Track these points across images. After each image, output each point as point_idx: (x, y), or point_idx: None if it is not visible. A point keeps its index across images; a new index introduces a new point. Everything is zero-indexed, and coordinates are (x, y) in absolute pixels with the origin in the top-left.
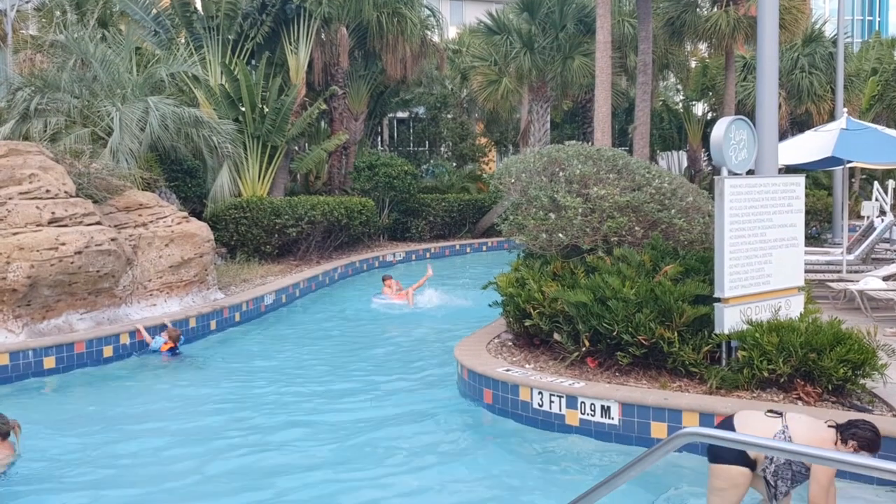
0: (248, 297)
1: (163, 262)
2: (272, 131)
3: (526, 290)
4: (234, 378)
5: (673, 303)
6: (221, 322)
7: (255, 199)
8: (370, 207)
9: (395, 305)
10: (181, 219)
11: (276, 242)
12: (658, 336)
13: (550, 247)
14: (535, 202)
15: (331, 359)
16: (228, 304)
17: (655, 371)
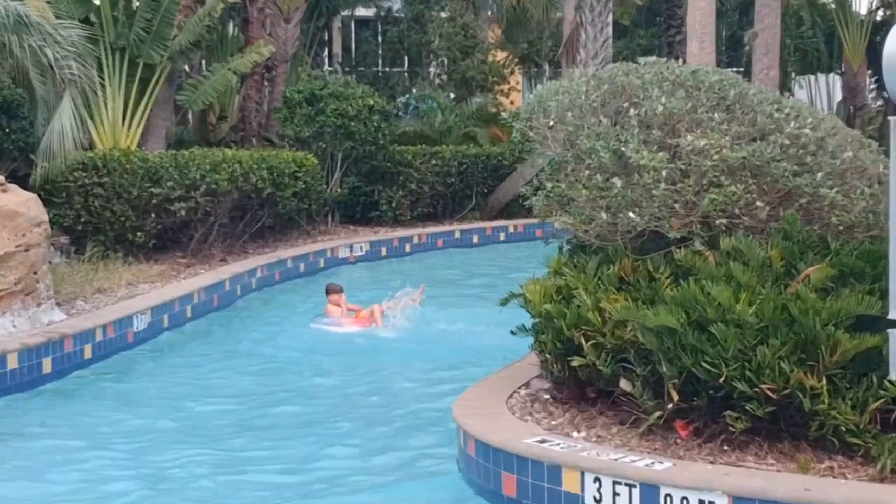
0: (107, 320)
1: None
2: (146, 40)
3: (574, 308)
4: (75, 465)
5: (819, 329)
6: (61, 361)
7: (117, 154)
8: (311, 168)
9: (347, 334)
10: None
11: (154, 227)
12: (795, 384)
13: (614, 234)
14: (590, 160)
15: (237, 425)
16: (73, 331)
17: (790, 442)
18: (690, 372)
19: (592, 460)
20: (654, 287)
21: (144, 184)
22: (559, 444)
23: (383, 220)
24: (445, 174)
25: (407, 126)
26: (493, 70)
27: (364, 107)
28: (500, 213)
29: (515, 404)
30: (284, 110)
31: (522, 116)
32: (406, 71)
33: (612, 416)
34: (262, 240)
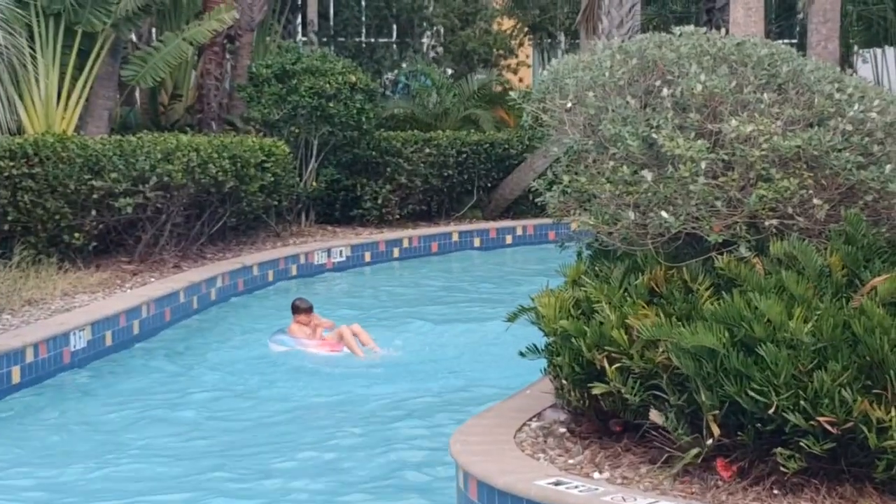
0: (39, 337)
1: None
2: (85, 4)
3: (595, 325)
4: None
5: (888, 351)
6: None
7: (50, 139)
8: (282, 158)
9: (311, 356)
10: None
11: (94, 227)
12: (858, 416)
13: (644, 238)
14: (615, 148)
15: (187, 467)
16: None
17: (852, 485)
18: (734, 401)
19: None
20: (691, 300)
21: (83, 175)
22: (578, 486)
23: (367, 219)
24: (441, 165)
25: (396, 108)
26: (499, 41)
27: (344, 84)
28: (507, 212)
29: (525, 439)
30: (250, 88)
31: (535, 97)
32: (395, 42)
33: (640, 454)
34: (223, 242)
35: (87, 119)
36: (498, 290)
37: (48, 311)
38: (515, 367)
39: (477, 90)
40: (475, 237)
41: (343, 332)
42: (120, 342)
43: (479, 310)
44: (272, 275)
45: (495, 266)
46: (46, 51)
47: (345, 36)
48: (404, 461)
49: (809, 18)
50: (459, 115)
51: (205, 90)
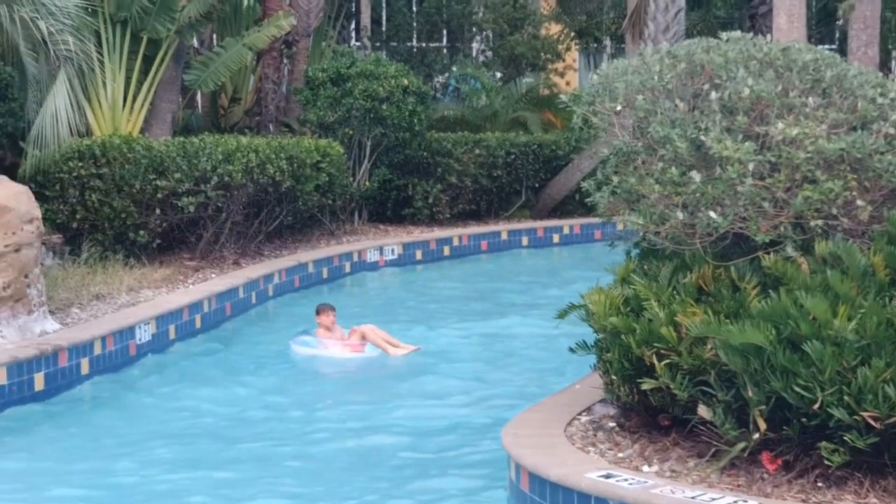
0: (106, 330)
1: None
2: (150, 11)
3: (644, 322)
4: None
5: None
6: (56, 376)
7: (117, 141)
8: (336, 158)
9: (333, 360)
10: None
11: (159, 225)
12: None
13: (692, 237)
14: (664, 150)
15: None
16: (69, 343)
17: (895, 479)
18: (780, 397)
19: (666, 498)
20: (739, 298)
21: (148, 175)
22: (627, 479)
23: (418, 218)
24: (490, 166)
25: (446, 110)
26: (547, 46)
27: (397, 87)
28: (554, 212)
29: (575, 433)
30: (306, 92)
31: (585, 99)
32: (445, 47)
33: (688, 448)
34: (280, 240)
35: (151, 122)
36: (546, 287)
37: (115, 305)
38: (564, 363)
39: (525, 93)
40: (523, 236)
41: (366, 332)
42: (183, 335)
43: (528, 305)
44: (327, 272)
45: (543, 264)
46: (113, 56)
47: (397, 41)
48: (446, 457)
49: (850, 25)
50: (508, 118)
51: (263, 94)
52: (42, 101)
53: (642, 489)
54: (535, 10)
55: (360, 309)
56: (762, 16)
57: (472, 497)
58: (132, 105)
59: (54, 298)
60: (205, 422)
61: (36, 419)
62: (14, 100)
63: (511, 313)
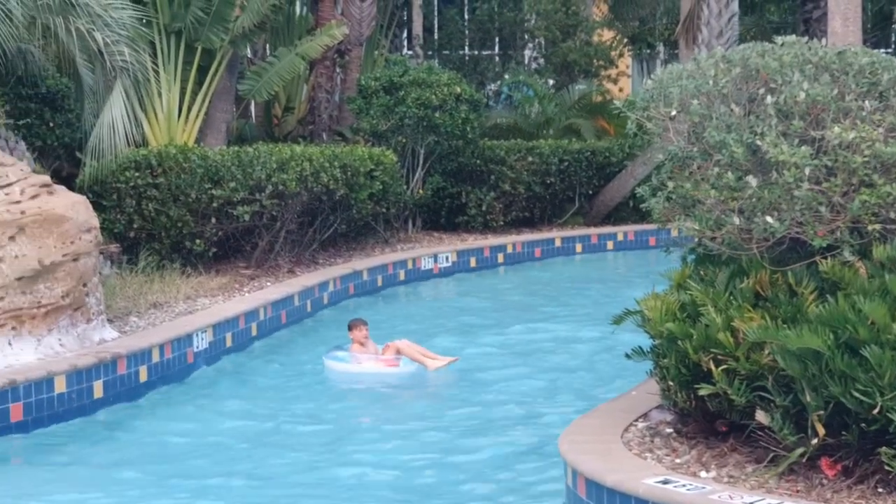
0: (164, 338)
1: (5, 269)
2: (204, 22)
3: (701, 328)
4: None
5: None
6: (115, 384)
7: (173, 151)
8: (390, 166)
9: (369, 376)
10: (39, 188)
11: (214, 234)
12: None
13: (748, 242)
14: (720, 155)
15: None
16: (127, 351)
17: None
18: (839, 402)
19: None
20: (796, 303)
21: (204, 185)
22: (685, 485)
23: (472, 226)
24: (544, 173)
25: (499, 118)
26: (599, 52)
27: (450, 95)
28: (608, 219)
29: (632, 439)
30: (359, 100)
31: (639, 105)
32: (497, 54)
33: (746, 453)
34: (334, 248)
35: (206, 131)
36: (600, 293)
37: (172, 313)
38: (618, 370)
39: (578, 100)
40: (577, 243)
41: (401, 347)
42: (239, 343)
43: (583, 312)
44: (381, 280)
45: (597, 270)
46: (168, 67)
47: (449, 49)
48: (482, 466)
49: None
50: (561, 125)
51: (316, 103)
52: (98, 112)
53: (700, 495)
54: (587, 16)
55: (414, 316)
56: (816, 20)
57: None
58: (187, 115)
59: (112, 307)
60: (245, 432)
61: (99, 426)
62: (71, 111)
63: (564, 320)
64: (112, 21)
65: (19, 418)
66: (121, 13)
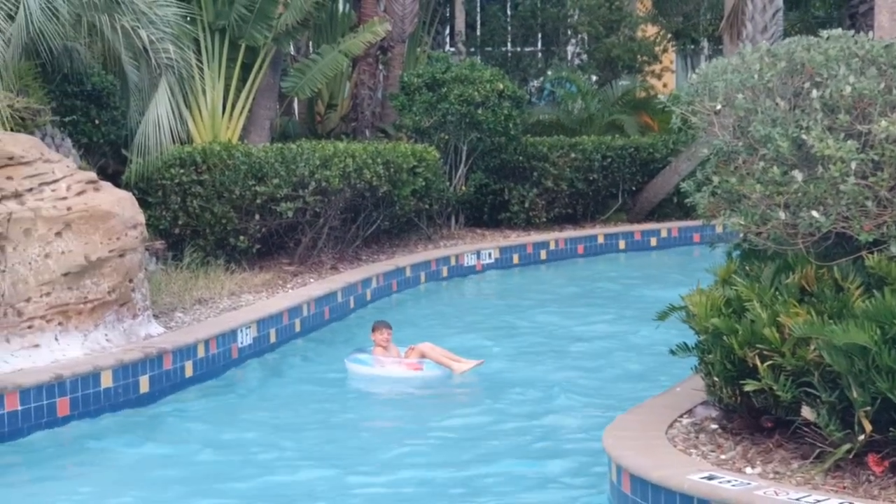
0: (209, 334)
1: (51, 265)
2: (248, 19)
3: (746, 323)
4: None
5: None
6: (161, 379)
7: (217, 148)
8: (432, 163)
9: (392, 379)
10: (85, 185)
11: (258, 231)
12: None
13: (794, 237)
14: (765, 149)
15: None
16: (173, 347)
17: None
18: (886, 398)
19: (770, 500)
20: (842, 299)
21: (248, 181)
22: (730, 481)
23: (514, 222)
24: (587, 169)
25: (542, 114)
26: (643, 48)
27: (492, 92)
28: (651, 215)
29: (677, 435)
30: (402, 97)
31: (684, 99)
32: (540, 50)
33: (792, 450)
34: (377, 245)
35: (249, 128)
36: (643, 291)
37: (217, 309)
38: (662, 367)
39: (621, 96)
40: (620, 239)
41: (425, 350)
42: (282, 339)
43: (626, 308)
44: (424, 276)
45: (640, 267)
46: (212, 64)
47: (492, 45)
48: (539, 459)
49: None
50: (604, 121)
51: (359, 99)
52: (144, 110)
53: (745, 491)
54: (630, 11)
55: (455, 313)
56: (862, 14)
57: None
58: (231, 112)
59: (158, 303)
60: (279, 431)
61: (145, 420)
62: (116, 108)
63: (607, 317)
64: (157, 18)
65: (66, 413)
66: (165, 11)
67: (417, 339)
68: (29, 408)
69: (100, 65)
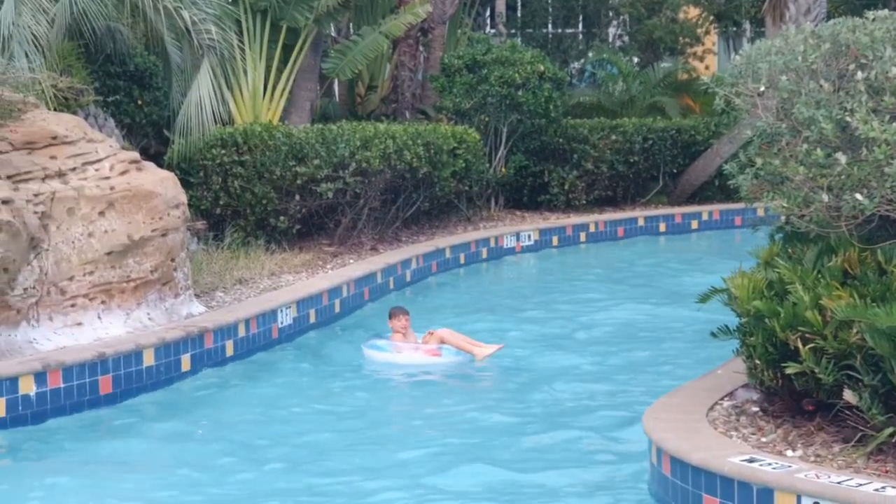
0: (250, 313)
1: (94, 244)
2: (290, 1)
3: (788, 306)
4: (207, 473)
5: None
6: (202, 357)
7: (258, 129)
8: (473, 145)
9: (412, 366)
10: (128, 164)
11: (298, 211)
12: None
13: (837, 220)
14: (808, 131)
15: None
16: (214, 326)
17: None
18: None
19: (811, 483)
20: (885, 282)
21: (288, 162)
22: (771, 463)
23: (554, 204)
24: (627, 152)
25: (582, 96)
26: (685, 30)
27: (533, 74)
28: (692, 198)
29: (718, 417)
30: (442, 79)
31: (727, 81)
32: (581, 32)
33: (833, 433)
34: (417, 226)
35: (290, 109)
36: (683, 273)
37: (257, 289)
38: (703, 349)
39: (663, 78)
40: (661, 222)
41: (444, 336)
42: (322, 320)
43: (666, 290)
44: (464, 257)
45: (680, 250)
46: (254, 45)
47: (533, 27)
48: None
49: None
50: (645, 103)
51: (399, 81)
52: (186, 90)
53: (786, 473)
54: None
55: (496, 293)
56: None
57: (613, 489)
58: (272, 93)
59: (199, 282)
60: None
61: (186, 399)
62: (159, 89)
63: (646, 299)
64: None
65: (108, 390)
66: None
67: (454, 321)
68: (72, 385)
69: (142, 45)
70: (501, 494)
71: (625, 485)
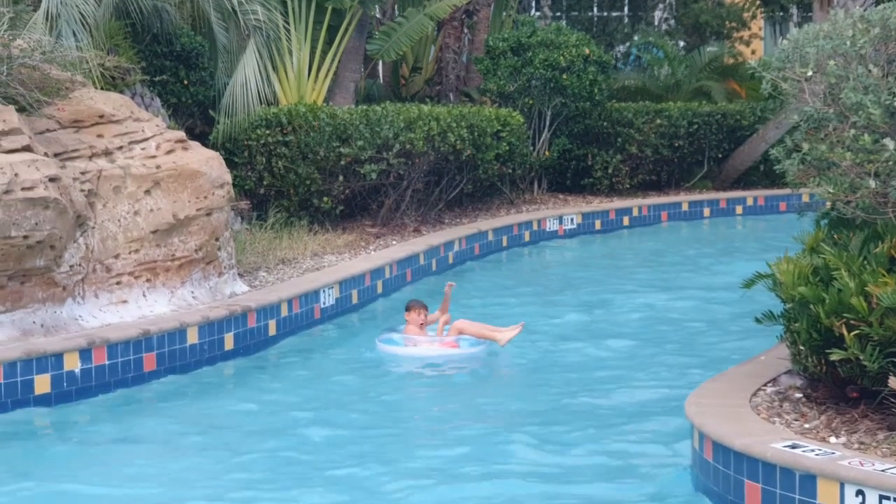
0: (293, 293)
1: (140, 222)
2: None
3: (834, 292)
4: (252, 449)
5: None
6: (244, 336)
7: (302, 109)
8: (516, 128)
9: (425, 359)
10: (174, 143)
11: (342, 192)
12: None
13: (884, 206)
14: (856, 117)
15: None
16: (257, 305)
17: None
18: None
19: (854, 470)
20: None
21: (332, 143)
22: (814, 450)
23: (597, 188)
24: (672, 136)
25: (627, 79)
26: (732, 14)
27: (578, 57)
28: (737, 183)
29: (761, 403)
30: (486, 61)
31: (774, 65)
32: (627, 15)
33: (877, 420)
34: (460, 208)
35: (335, 90)
36: (727, 258)
37: (300, 269)
38: (745, 336)
39: (709, 62)
40: (705, 207)
41: (463, 327)
42: (364, 300)
43: (709, 274)
44: (506, 240)
45: (725, 235)
46: (299, 26)
47: (578, 10)
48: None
49: None
50: (691, 87)
51: (443, 63)
52: (231, 71)
53: (829, 460)
54: None
55: (536, 277)
56: None
57: (654, 471)
58: (317, 74)
59: (243, 262)
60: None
61: (229, 377)
62: (204, 69)
63: (690, 283)
64: None
65: (152, 368)
66: None
67: (493, 302)
68: (116, 362)
69: (189, 26)
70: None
71: (664, 471)
